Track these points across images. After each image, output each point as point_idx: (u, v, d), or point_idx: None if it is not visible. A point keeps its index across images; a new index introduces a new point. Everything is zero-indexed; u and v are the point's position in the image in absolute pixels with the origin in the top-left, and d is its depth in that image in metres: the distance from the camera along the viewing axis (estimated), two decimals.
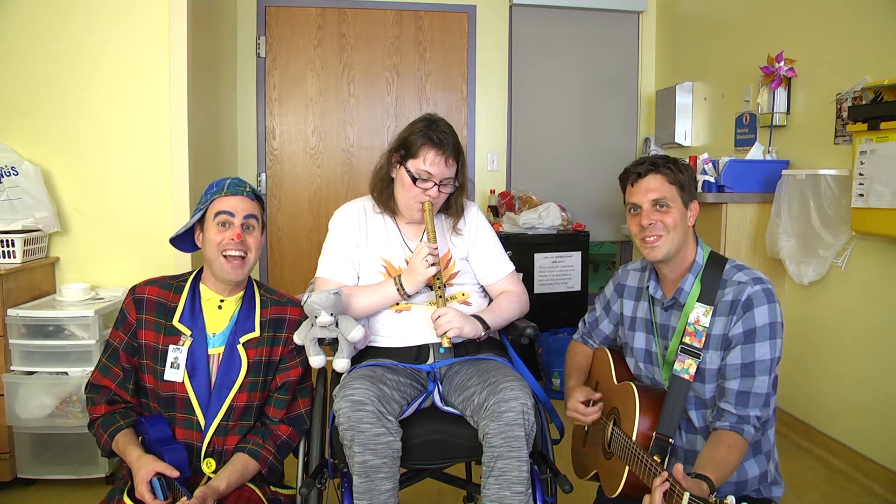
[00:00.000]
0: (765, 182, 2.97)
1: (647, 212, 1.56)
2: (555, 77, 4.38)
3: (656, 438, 1.48)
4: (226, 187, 1.67)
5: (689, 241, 1.58)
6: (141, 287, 1.69)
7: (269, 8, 4.11)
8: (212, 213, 1.66)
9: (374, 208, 1.93)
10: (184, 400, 1.61)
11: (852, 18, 2.71)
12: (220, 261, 1.63)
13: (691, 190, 1.58)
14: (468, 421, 1.66)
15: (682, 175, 1.56)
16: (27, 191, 2.56)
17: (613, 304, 1.79)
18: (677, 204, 1.55)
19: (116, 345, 1.65)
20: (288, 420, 1.70)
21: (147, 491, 1.47)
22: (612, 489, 1.54)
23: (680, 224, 1.55)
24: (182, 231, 1.71)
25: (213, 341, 1.65)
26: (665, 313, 1.62)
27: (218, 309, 1.68)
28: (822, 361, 2.85)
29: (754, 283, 1.49)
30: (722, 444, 1.43)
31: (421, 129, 1.81)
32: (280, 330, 1.71)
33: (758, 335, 1.46)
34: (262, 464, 1.62)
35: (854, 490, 2.55)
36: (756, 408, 1.45)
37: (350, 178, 4.28)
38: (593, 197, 4.38)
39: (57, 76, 2.68)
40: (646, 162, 1.59)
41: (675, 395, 1.51)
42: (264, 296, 1.74)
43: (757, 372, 1.46)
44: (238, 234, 1.63)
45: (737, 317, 1.48)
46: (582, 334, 1.90)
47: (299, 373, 1.72)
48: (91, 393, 1.65)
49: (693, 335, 1.52)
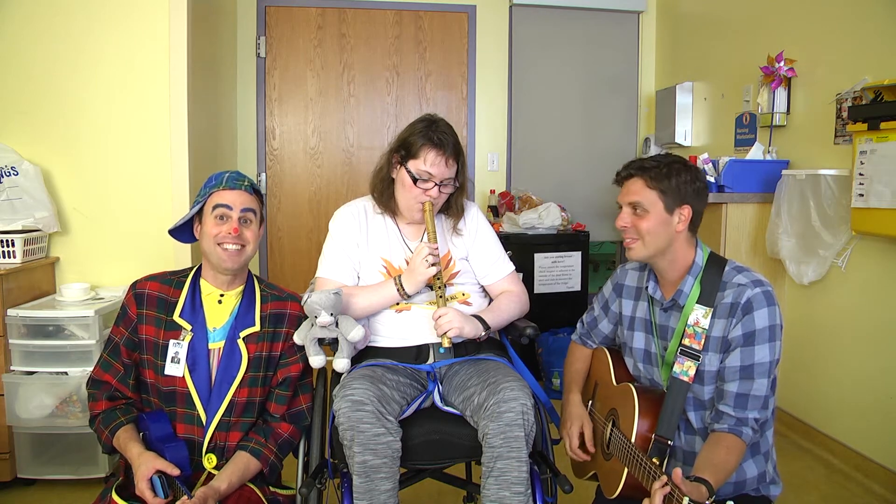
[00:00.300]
0: (765, 182, 2.97)
1: (623, 214, 1.59)
2: (555, 77, 4.38)
3: (655, 440, 1.48)
4: (224, 181, 1.67)
5: (679, 244, 1.56)
6: (142, 282, 1.69)
7: (269, 8, 4.11)
8: (210, 206, 1.66)
9: (374, 209, 1.93)
10: (184, 394, 1.61)
11: (852, 18, 2.71)
12: (217, 250, 1.64)
13: (681, 195, 1.54)
14: (468, 421, 1.66)
15: (666, 181, 1.53)
16: (27, 191, 2.56)
17: (612, 304, 1.78)
18: (656, 209, 1.53)
19: (117, 340, 1.66)
20: (289, 416, 1.70)
21: (147, 488, 1.46)
22: (611, 490, 1.54)
23: (658, 230, 1.54)
24: (181, 223, 1.72)
25: (214, 336, 1.66)
26: (664, 314, 1.61)
27: (218, 304, 1.68)
28: (822, 361, 2.85)
29: (754, 285, 1.49)
30: (720, 446, 1.43)
31: (421, 129, 1.81)
32: (280, 325, 1.71)
33: (757, 338, 1.46)
34: (264, 463, 1.62)
35: (854, 490, 2.55)
36: (754, 410, 1.45)
37: (350, 178, 4.28)
38: (593, 197, 4.38)
39: (57, 76, 2.68)
40: (633, 165, 1.59)
41: (674, 396, 1.51)
42: (264, 291, 1.75)
43: (756, 375, 1.46)
44: (235, 227, 1.64)
45: (736, 319, 1.48)
46: (580, 335, 1.90)
47: (300, 368, 1.72)
48: (92, 389, 1.66)
49: (692, 337, 1.52)
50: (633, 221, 1.56)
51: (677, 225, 1.55)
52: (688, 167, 1.57)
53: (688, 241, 1.58)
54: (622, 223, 1.58)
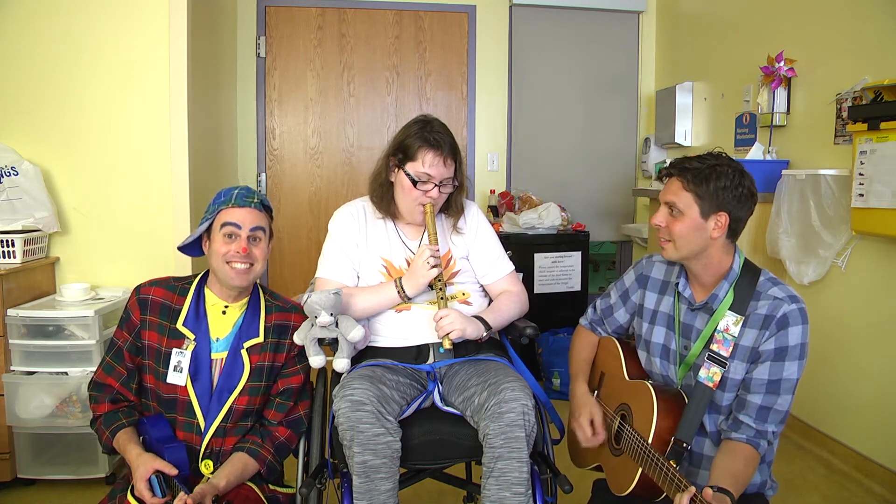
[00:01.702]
0: (765, 182, 2.96)
1: (659, 213, 1.55)
2: (555, 77, 4.38)
3: (674, 443, 1.46)
4: (234, 198, 1.64)
5: (714, 250, 1.52)
6: (146, 287, 1.68)
7: (269, 8, 4.11)
8: (218, 224, 1.64)
9: (374, 211, 1.93)
10: (185, 403, 1.61)
11: (852, 18, 2.71)
12: (225, 268, 1.63)
13: (718, 201, 1.47)
14: (468, 421, 1.66)
15: (704, 186, 1.47)
16: (27, 191, 2.56)
17: (633, 294, 1.74)
18: (691, 213, 1.49)
19: (121, 344, 1.65)
20: (287, 423, 1.70)
21: (146, 489, 1.47)
22: (621, 487, 1.52)
23: (690, 235, 1.50)
24: (190, 240, 1.70)
25: (217, 346, 1.65)
26: (691, 314, 1.58)
27: (222, 314, 1.68)
28: (821, 361, 2.85)
29: (791, 301, 1.46)
30: (739, 457, 1.43)
31: (416, 131, 1.81)
32: (284, 336, 1.71)
33: (789, 354, 1.44)
34: (261, 463, 1.62)
35: (854, 490, 2.55)
36: (774, 423, 1.45)
37: (350, 178, 4.28)
38: (593, 197, 4.38)
39: (57, 76, 2.68)
40: (676, 163, 1.54)
41: (697, 402, 1.49)
42: (269, 301, 1.74)
43: (782, 390, 1.45)
44: (244, 247, 1.62)
45: (770, 332, 1.46)
46: (591, 321, 1.85)
47: (301, 380, 1.72)
48: (95, 391, 1.65)
49: (721, 343, 1.49)
50: (667, 222, 1.53)
51: (712, 231, 1.49)
52: (732, 171, 1.49)
53: (724, 248, 1.53)
54: (656, 222, 1.55)
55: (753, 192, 1.52)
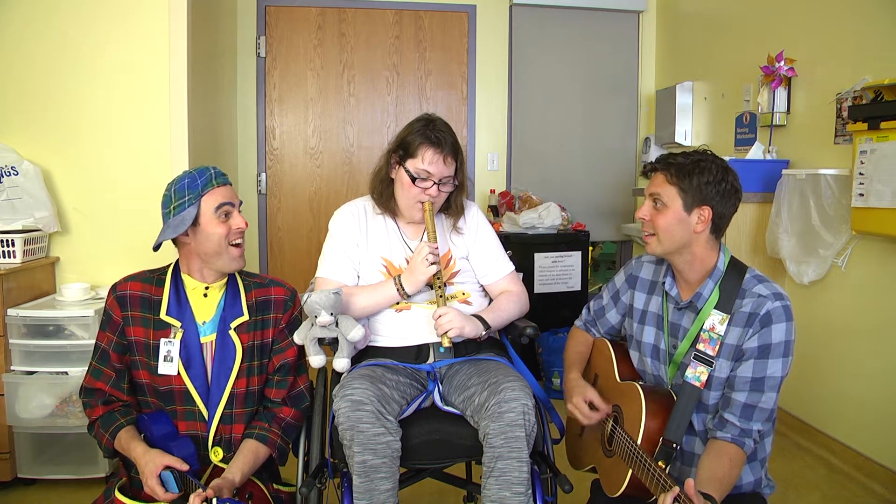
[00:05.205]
0: (765, 182, 2.97)
1: (644, 207, 1.56)
2: (555, 77, 4.37)
3: (662, 444, 1.47)
4: (215, 178, 1.63)
5: (698, 246, 1.53)
6: (122, 284, 1.67)
7: (269, 8, 4.11)
8: (210, 208, 1.60)
9: (374, 209, 1.93)
10: (182, 392, 1.60)
11: (852, 18, 2.71)
12: (229, 251, 1.62)
13: (702, 195, 1.49)
14: (468, 421, 1.66)
15: (687, 179, 1.49)
16: (27, 191, 2.56)
17: (623, 295, 1.75)
18: (674, 206, 1.50)
19: (105, 346, 1.63)
20: (289, 400, 1.69)
21: (157, 485, 1.46)
22: (613, 489, 1.53)
23: (673, 228, 1.51)
24: (172, 235, 1.63)
25: (204, 329, 1.64)
26: (678, 312, 1.59)
27: (203, 297, 1.67)
28: (821, 361, 2.85)
29: (775, 298, 1.47)
30: (723, 458, 1.43)
31: (419, 128, 1.81)
32: (268, 311, 1.69)
33: (772, 352, 1.45)
34: (272, 447, 1.62)
35: (854, 490, 2.55)
36: (759, 422, 1.45)
37: (350, 178, 4.28)
38: (593, 197, 4.37)
39: (57, 76, 2.68)
40: (661, 158, 1.56)
41: (685, 401, 1.49)
42: (246, 280, 1.72)
43: (766, 388, 1.45)
44: (245, 221, 1.64)
45: (753, 330, 1.46)
46: (585, 321, 1.86)
47: (295, 352, 1.71)
48: (86, 397, 1.64)
49: (707, 342, 1.49)
50: (651, 215, 1.54)
51: (696, 226, 1.50)
52: (716, 167, 1.50)
53: (709, 244, 1.54)
54: (641, 215, 1.56)
55: (737, 188, 1.53)
